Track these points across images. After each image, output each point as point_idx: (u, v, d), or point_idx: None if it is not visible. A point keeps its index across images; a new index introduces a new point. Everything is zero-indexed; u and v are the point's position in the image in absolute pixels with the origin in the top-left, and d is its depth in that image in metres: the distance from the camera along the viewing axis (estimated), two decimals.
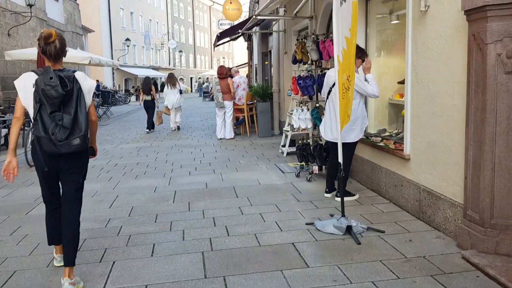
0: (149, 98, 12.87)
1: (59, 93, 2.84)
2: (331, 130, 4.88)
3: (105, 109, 19.84)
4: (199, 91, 40.63)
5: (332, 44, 5.66)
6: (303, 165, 6.09)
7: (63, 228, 3.15)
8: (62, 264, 3.19)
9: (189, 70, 53.48)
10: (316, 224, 4.08)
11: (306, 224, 4.22)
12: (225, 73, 10.56)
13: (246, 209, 4.83)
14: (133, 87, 39.29)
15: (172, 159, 8.28)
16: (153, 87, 12.81)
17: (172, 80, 12.70)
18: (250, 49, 22.37)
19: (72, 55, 16.83)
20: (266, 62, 14.34)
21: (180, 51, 51.87)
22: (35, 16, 19.52)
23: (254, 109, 11.34)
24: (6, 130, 9.50)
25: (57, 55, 3.03)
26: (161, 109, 12.96)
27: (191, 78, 56.90)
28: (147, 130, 12.81)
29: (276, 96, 11.09)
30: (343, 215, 4.04)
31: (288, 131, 8.15)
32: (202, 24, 62.62)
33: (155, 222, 4.54)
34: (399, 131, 5.19)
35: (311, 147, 5.95)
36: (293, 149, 8.08)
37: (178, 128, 13.17)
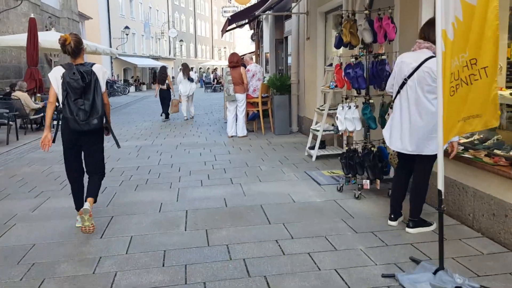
0: (164, 87, 13.27)
1: (80, 85, 3.70)
2: (402, 138, 3.57)
3: None
4: (200, 81, 39.18)
5: (392, 23, 4.34)
6: (349, 177, 4.78)
7: (89, 185, 4.09)
8: (81, 225, 3.80)
9: (190, 60, 51.90)
10: (401, 279, 2.78)
11: (383, 276, 2.92)
12: (236, 61, 9.21)
13: (287, 245, 3.53)
14: (132, 77, 37.83)
15: (179, 162, 6.97)
16: (168, 76, 13.32)
17: (186, 69, 13.19)
18: (257, 37, 20.96)
19: None
20: (278, 51, 12.97)
21: (181, 41, 50.32)
22: (27, 0, 18.06)
23: (268, 103, 10.01)
24: None
25: (75, 53, 3.85)
26: (177, 98, 13.47)
27: (192, 68, 55.28)
28: (165, 119, 13.25)
29: (294, 88, 9.76)
30: (441, 267, 2.75)
31: (317, 130, 6.83)
32: (203, 13, 60.92)
33: (163, 265, 3.25)
34: (488, 137, 3.87)
35: (361, 155, 4.64)
36: (324, 152, 6.77)
37: (192, 117, 13.56)
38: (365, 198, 4.69)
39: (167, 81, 13.23)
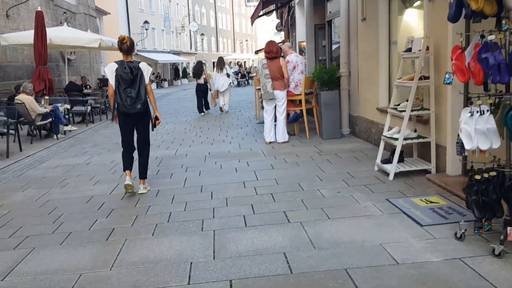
0: (201, 81, 13.29)
1: (129, 77, 4.71)
2: None
3: None
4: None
5: None
6: (480, 222, 3.06)
7: (139, 158, 5.17)
8: (130, 182, 4.89)
9: (211, 54, 50.41)
10: None
11: None
12: (276, 52, 7.52)
13: None
14: (153, 73, 36.53)
15: (210, 183, 5.36)
16: (205, 70, 13.39)
17: (220, 64, 13.22)
18: (287, 25, 19.20)
19: (81, 37, 14.03)
20: (319, 39, 11.19)
21: (202, 34, 48.82)
22: None
23: (313, 101, 8.30)
24: None
25: (128, 51, 4.85)
26: (216, 89, 13.42)
27: (213, 62, 53.85)
28: (202, 113, 13.26)
29: (344, 81, 8.01)
30: None
31: (394, 139, 5.11)
32: (223, 5, 59.24)
33: None
34: None
35: (500, 187, 2.92)
36: (404, 167, 5.04)
37: (226, 111, 13.47)
38: (508, 254, 2.97)
39: (203, 75, 13.28)
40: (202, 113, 13.31)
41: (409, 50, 5.20)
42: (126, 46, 4.80)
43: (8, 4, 14.83)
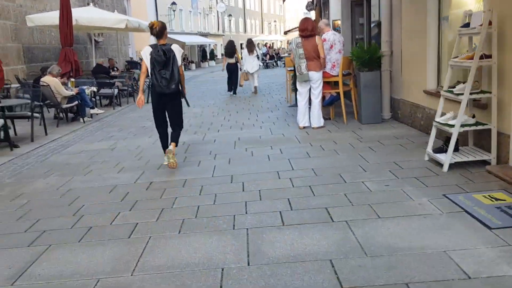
0: (233, 61, 13.27)
1: (162, 60, 4.95)
2: None
3: (148, 82, 16.76)
4: None
5: None
6: None
7: (172, 132, 5.43)
8: (167, 162, 5.25)
9: (239, 35, 49.68)
10: None
11: None
12: (311, 29, 6.94)
13: None
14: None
15: (240, 173, 4.92)
16: (236, 50, 13.49)
17: (250, 46, 13.22)
18: (319, 4, 18.39)
19: (107, 18, 13.72)
20: (356, 17, 10.48)
21: (229, 15, 48.10)
22: None
23: (350, 82, 7.70)
24: None
25: (158, 35, 5.12)
26: (245, 71, 13.39)
27: (241, 44, 53.14)
28: (230, 92, 13.32)
29: (386, 62, 7.37)
30: None
31: (449, 125, 4.52)
32: None
33: None
34: None
35: None
36: (460, 157, 4.46)
37: (256, 91, 13.38)
38: None
39: (235, 55, 13.28)
40: (231, 93, 13.30)
41: (466, 25, 4.55)
42: (155, 31, 5.12)
43: None
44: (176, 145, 5.41)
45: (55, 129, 8.79)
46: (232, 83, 13.37)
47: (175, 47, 5.12)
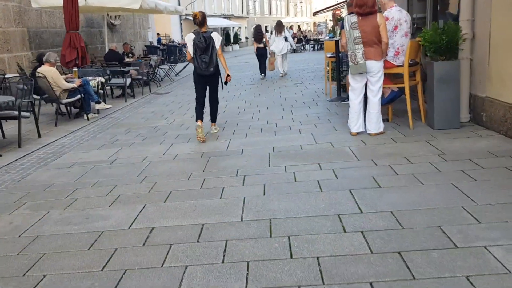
0: (261, 45, 13.35)
1: (203, 45, 5.66)
2: None
3: (167, 69, 15.26)
4: None
5: None
6: None
7: (210, 108, 6.29)
8: (201, 125, 5.87)
9: (264, 18, 47.64)
10: None
11: None
12: (371, 4, 5.20)
13: None
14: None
15: (283, 216, 3.33)
16: (265, 35, 13.53)
17: (279, 27, 13.17)
18: None
19: None
20: None
21: None
22: None
23: (417, 75, 5.97)
24: None
25: (201, 24, 5.78)
26: (272, 51, 13.20)
27: (266, 27, 50.99)
28: (261, 76, 13.43)
29: (466, 47, 5.59)
30: None
31: None
32: None
33: None
34: None
35: None
36: None
37: (286, 74, 13.50)
38: None
39: (264, 39, 13.35)
40: (262, 76, 13.45)
41: None
42: (198, 21, 5.78)
43: None
44: (215, 122, 6.42)
45: (52, 129, 7.41)
46: (262, 66, 13.52)
47: (215, 35, 5.82)
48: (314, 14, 35.75)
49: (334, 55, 8.52)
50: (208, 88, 6.08)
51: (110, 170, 4.96)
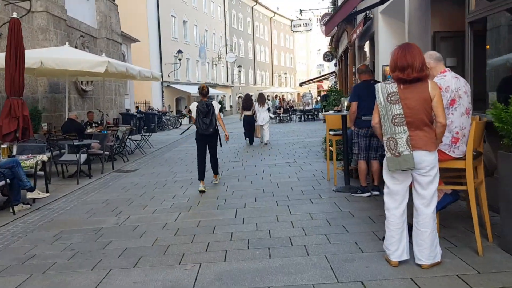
0: (249, 113, 13.81)
1: (205, 110, 6.87)
2: None
3: (140, 140, 13.19)
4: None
5: None
6: None
7: (211, 162, 7.36)
8: (204, 189, 6.91)
9: (248, 87, 47.13)
10: None
11: None
12: (420, 67, 3.39)
13: None
14: (185, 107, 33.27)
15: None
16: (253, 104, 14.02)
17: (261, 99, 14.23)
18: (353, 48, 15.33)
19: (80, 59, 10.43)
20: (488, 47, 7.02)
21: (239, 66, 45.77)
22: (46, 11, 13.59)
23: (480, 171, 4.09)
24: None
25: (206, 95, 7.13)
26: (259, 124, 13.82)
27: (251, 96, 50.53)
28: (248, 143, 13.85)
29: None
30: None
31: None
32: (262, 37, 56.46)
33: None
34: None
35: None
36: None
37: (267, 143, 13.67)
38: None
39: (253, 107, 13.83)
40: (248, 142, 13.95)
41: None
42: (205, 91, 7.15)
43: (1, 20, 11.67)
44: (217, 174, 7.59)
45: None
46: (248, 134, 13.99)
47: (215, 103, 7.05)
48: (301, 84, 35.07)
49: (340, 132, 6.74)
50: (207, 146, 7.17)
51: None
